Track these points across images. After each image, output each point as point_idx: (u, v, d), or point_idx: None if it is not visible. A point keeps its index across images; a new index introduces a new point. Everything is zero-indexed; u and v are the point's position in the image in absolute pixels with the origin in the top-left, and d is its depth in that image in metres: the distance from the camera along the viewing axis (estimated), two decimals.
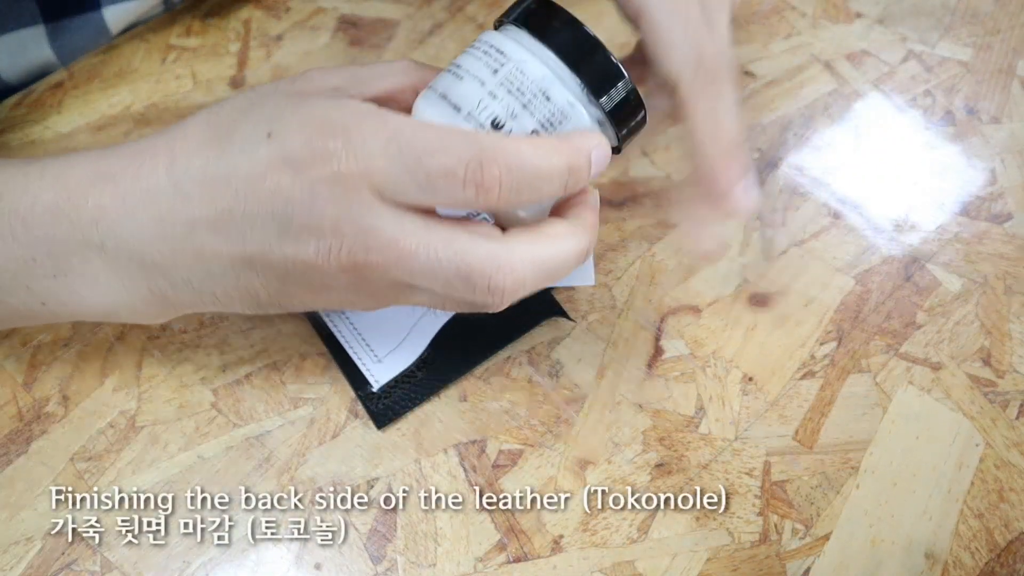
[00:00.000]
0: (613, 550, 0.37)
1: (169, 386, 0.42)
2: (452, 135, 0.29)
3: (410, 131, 0.29)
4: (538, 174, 0.30)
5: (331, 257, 0.30)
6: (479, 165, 0.29)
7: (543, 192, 0.30)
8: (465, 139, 0.29)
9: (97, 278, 0.33)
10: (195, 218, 0.31)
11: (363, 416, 0.41)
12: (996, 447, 0.39)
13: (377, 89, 0.35)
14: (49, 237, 0.33)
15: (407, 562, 0.37)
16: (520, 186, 0.30)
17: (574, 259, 0.31)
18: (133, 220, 0.32)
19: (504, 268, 0.30)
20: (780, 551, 0.37)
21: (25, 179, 0.33)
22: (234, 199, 0.30)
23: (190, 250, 0.31)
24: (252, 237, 0.31)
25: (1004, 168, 0.48)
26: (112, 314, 0.35)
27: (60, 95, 0.53)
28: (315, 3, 0.58)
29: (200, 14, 0.57)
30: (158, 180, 0.31)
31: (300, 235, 0.30)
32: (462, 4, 0.57)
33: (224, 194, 0.30)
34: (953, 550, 0.37)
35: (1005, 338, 0.42)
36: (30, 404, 0.41)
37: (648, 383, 0.41)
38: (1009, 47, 0.53)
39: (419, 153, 0.29)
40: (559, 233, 0.31)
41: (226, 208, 0.30)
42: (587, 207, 0.33)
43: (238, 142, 0.30)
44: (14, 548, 0.37)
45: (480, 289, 0.30)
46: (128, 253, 0.32)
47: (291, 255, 0.31)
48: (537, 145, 0.30)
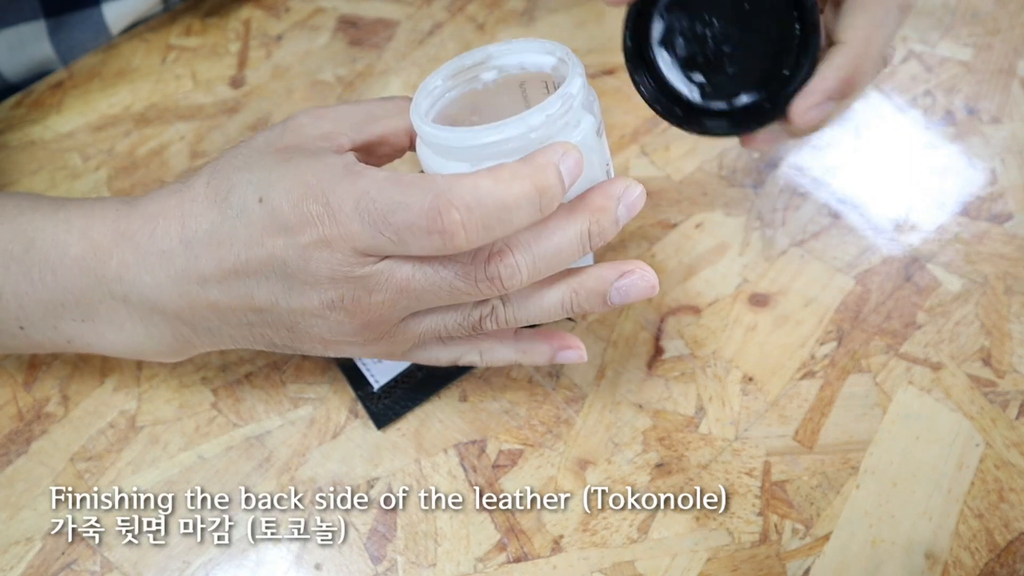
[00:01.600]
0: (613, 550, 0.37)
1: (169, 386, 0.42)
2: (410, 187, 0.29)
3: (375, 190, 0.30)
4: (503, 205, 0.29)
5: (336, 306, 0.32)
6: (437, 213, 0.29)
7: (515, 222, 0.30)
8: (421, 189, 0.29)
9: (123, 325, 0.36)
10: (206, 276, 0.33)
11: (363, 416, 0.41)
12: (996, 447, 0.39)
13: (369, 134, 0.35)
14: (77, 287, 0.35)
15: (407, 562, 0.37)
16: (486, 222, 0.29)
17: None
18: (152, 277, 0.34)
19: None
20: (780, 551, 0.37)
21: (55, 229, 0.35)
22: (237, 261, 0.32)
23: (205, 303, 0.34)
24: (259, 293, 0.33)
25: (1004, 168, 0.48)
26: (136, 354, 0.37)
27: (60, 95, 0.53)
28: (315, 3, 0.58)
29: (200, 14, 0.57)
30: (171, 242, 0.33)
31: (303, 291, 0.32)
32: (462, 4, 0.57)
33: (228, 256, 0.32)
34: (953, 550, 0.37)
35: (1005, 338, 0.42)
36: (30, 404, 0.41)
37: (648, 383, 0.41)
38: (1009, 47, 0.53)
39: (383, 212, 0.30)
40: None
41: (231, 269, 0.32)
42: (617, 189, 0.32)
43: (236, 206, 0.32)
44: (14, 548, 0.37)
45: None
46: (150, 305, 0.34)
47: (297, 307, 0.33)
48: (497, 176, 0.29)
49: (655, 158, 0.49)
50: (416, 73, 0.54)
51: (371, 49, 0.55)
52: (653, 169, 0.49)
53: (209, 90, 0.53)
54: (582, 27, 0.55)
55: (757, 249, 0.45)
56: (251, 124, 0.51)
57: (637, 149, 0.49)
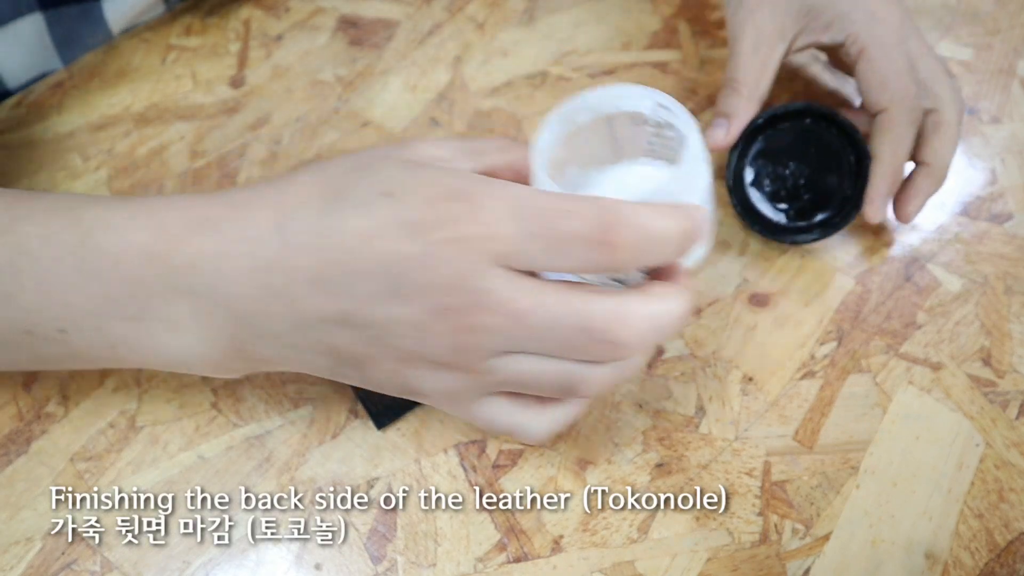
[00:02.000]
0: (613, 550, 0.37)
1: (169, 386, 0.42)
2: (577, 200, 0.30)
3: (537, 196, 0.30)
4: (660, 237, 0.30)
5: (441, 315, 0.30)
6: (609, 226, 0.29)
7: (663, 255, 0.31)
8: (590, 202, 0.29)
9: (178, 324, 0.33)
10: (297, 268, 0.31)
11: (363, 416, 0.41)
12: (996, 447, 0.39)
13: (482, 164, 0.36)
14: (136, 278, 0.32)
15: (407, 562, 0.37)
16: (645, 248, 0.30)
17: (679, 319, 0.31)
18: (232, 267, 0.31)
19: (623, 320, 0.30)
20: (780, 551, 0.37)
21: (118, 217, 0.33)
22: (343, 254, 0.30)
23: (285, 301, 0.31)
24: (355, 293, 0.30)
25: (1004, 168, 0.48)
26: (183, 364, 0.35)
27: (60, 95, 0.53)
28: (315, 3, 0.58)
29: (200, 14, 0.57)
30: (264, 230, 0.31)
31: (411, 296, 0.30)
32: (462, 4, 0.57)
33: (333, 248, 0.30)
34: (953, 550, 0.37)
35: (1005, 338, 0.42)
36: (30, 404, 0.41)
37: (648, 383, 0.41)
38: (1009, 47, 0.53)
39: (548, 217, 0.29)
40: (668, 293, 0.31)
41: (333, 261, 0.30)
42: (683, 271, 0.33)
43: (351, 199, 0.30)
44: (14, 548, 0.37)
45: (598, 341, 0.30)
46: (218, 299, 0.32)
47: (395, 315, 0.30)
48: (656, 209, 0.30)
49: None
50: (416, 73, 0.54)
51: (371, 49, 0.55)
52: None
53: (209, 90, 0.53)
54: (582, 27, 0.55)
55: (757, 249, 0.45)
56: (251, 124, 0.51)
57: None
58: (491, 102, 0.52)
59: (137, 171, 0.49)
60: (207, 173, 0.49)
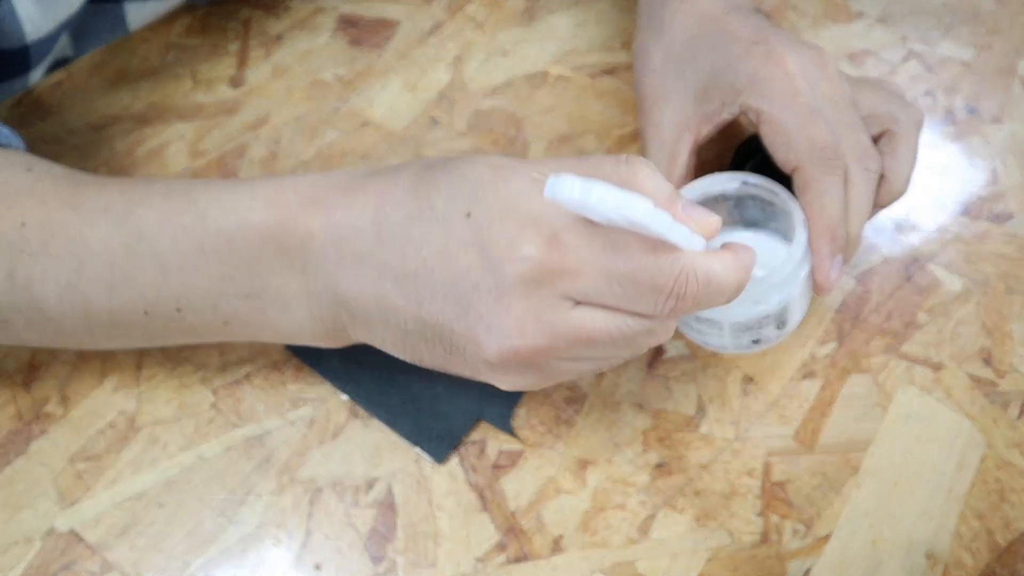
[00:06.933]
0: (613, 550, 0.37)
1: (169, 386, 0.42)
2: (660, 251, 0.30)
3: (625, 242, 0.30)
4: (722, 290, 0.31)
5: (518, 341, 0.31)
6: (685, 281, 0.30)
7: (717, 303, 0.32)
8: (672, 256, 0.30)
9: (288, 302, 0.34)
10: (386, 266, 0.32)
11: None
12: (997, 447, 0.39)
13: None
14: (253, 257, 0.34)
15: (407, 562, 0.37)
16: (706, 299, 0.31)
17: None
18: (337, 251, 0.33)
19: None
20: (780, 551, 0.37)
21: (233, 199, 0.34)
22: (422, 265, 0.31)
23: (375, 294, 0.32)
24: (429, 305, 0.31)
25: (1005, 168, 0.48)
26: (292, 338, 0.36)
27: (60, 95, 0.53)
28: (315, 3, 0.58)
29: (200, 14, 0.57)
30: (364, 221, 0.32)
31: (478, 322, 0.31)
32: (462, 4, 0.57)
33: (414, 257, 0.31)
34: (954, 551, 0.36)
35: (1006, 338, 0.42)
36: (29, 404, 0.41)
37: (648, 383, 0.41)
38: (1010, 47, 0.53)
39: (632, 268, 0.30)
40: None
41: (412, 270, 0.31)
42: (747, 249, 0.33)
43: (438, 209, 0.31)
44: (14, 548, 0.37)
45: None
46: (325, 280, 0.33)
47: (462, 333, 0.31)
48: (725, 263, 0.31)
49: None
50: (416, 72, 0.54)
51: (371, 49, 0.55)
52: None
53: (209, 89, 0.53)
54: (582, 27, 0.55)
55: None
56: (251, 123, 0.51)
57: (637, 149, 0.49)
58: (491, 102, 0.52)
59: (137, 171, 0.49)
60: (207, 173, 0.49)
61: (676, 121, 0.42)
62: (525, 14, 0.56)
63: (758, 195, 0.41)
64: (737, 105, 0.40)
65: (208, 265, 0.34)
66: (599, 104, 0.52)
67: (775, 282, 0.38)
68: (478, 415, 0.40)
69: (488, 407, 0.40)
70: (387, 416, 0.40)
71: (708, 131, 0.42)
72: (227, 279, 0.34)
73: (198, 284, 0.34)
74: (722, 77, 0.40)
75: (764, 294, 0.38)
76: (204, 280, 0.34)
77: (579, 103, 0.52)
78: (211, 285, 0.34)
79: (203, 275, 0.34)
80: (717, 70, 0.41)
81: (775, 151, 0.39)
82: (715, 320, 0.39)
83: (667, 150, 0.42)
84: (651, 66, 0.44)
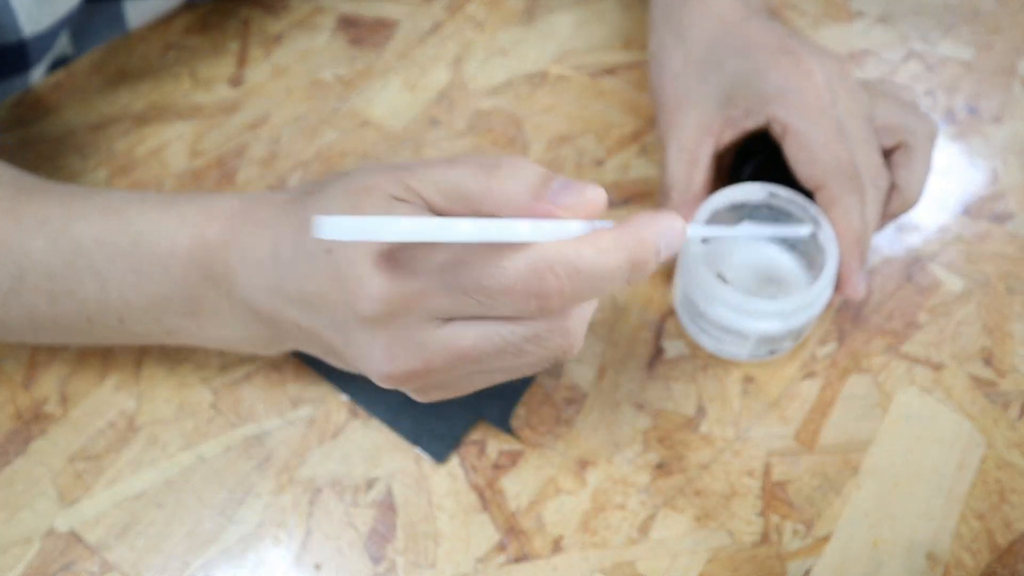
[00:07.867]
0: (613, 550, 0.37)
1: (169, 386, 0.42)
2: (505, 253, 0.28)
3: (465, 253, 0.29)
4: (600, 275, 0.29)
5: (388, 368, 0.31)
6: (539, 278, 0.28)
7: (604, 291, 0.30)
8: (516, 256, 0.28)
9: (225, 320, 0.36)
10: (288, 297, 0.33)
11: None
12: (997, 448, 0.39)
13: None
14: (186, 281, 0.35)
15: (407, 562, 0.37)
16: (581, 289, 0.29)
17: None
18: (249, 281, 0.34)
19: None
20: (781, 552, 0.37)
21: (166, 223, 0.35)
22: (309, 297, 0.32)
23: (288, 319, 0.34)
24: (323, 332, 0.33)
25: (1005, 168, 0.48)
26: (236, 346, 0.38)
27: (60, 95, 0.53)
28: (315, 2, 0.58)
29: (200, 13, 0.57)
30: (264, 253, 0.33)
31: (357, 351, 0.31)
32: (462, 4, 0.57)
33: (302, 291, 0.32)
34: (954, 551, 0.36)
35: (1007, 338, 0.42)
36: (29, 404, 0.41)
37: (648, 383, 0.41)
38: (1010, 46, 0.53)
39: (475, 278, 0.28)
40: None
41: (307, 302, 0.32)
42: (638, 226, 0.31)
43: (309, 244, 0.31)
44: (14, 548, 0.37)
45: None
46: (248, 304, 0.35)
47: (351, 358, 0.32)
48: (599, 247, 0.29)
49: (655, 158, 0.49)
50: (416, 72, 0.53)
51: (371, 49, 0.55)
52: (653, 169, 0.48)
53: (208, 89, 0.53)
54: (582, 27, 0.55)
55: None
56: (250, 123, 0.51)
57: (637, 148, 0.49)
58: (491, 101, 0.52)
59: (136, 170, 0.49)
60: (206, 172, 0.49)
61: (698, 125, 0.42)
62: (525, 14, 0.56)
63: (782, 207, 0.41)
64: (763, 115, 0.40)
65: (145, 286, 0.35)
66: (599, 104, 0.52)
67: (809, 300, 0.38)
68: (478, 415, 0.40)
69: (488, 407, 0.40)
70: (387, 416, 0.40)
71: (730, 136, 0.41)
72: (166, 299, 0.35)
73: (137, 301, 0.36)
74: (749, 84, 0.40)
75: (796, 312, 0.38)
76: (143, 299, 0.36)
77: (579, 103, 0.52)
78: (150, 303, 0.36)
79: (141, 294, 0.35)
80: (743, 76, 0.41)
81: (797, 165, 0.39)
82: (743, 332, 0.39)
83: (688, 153, 0.42)
84: (671, 70, 0.44)
